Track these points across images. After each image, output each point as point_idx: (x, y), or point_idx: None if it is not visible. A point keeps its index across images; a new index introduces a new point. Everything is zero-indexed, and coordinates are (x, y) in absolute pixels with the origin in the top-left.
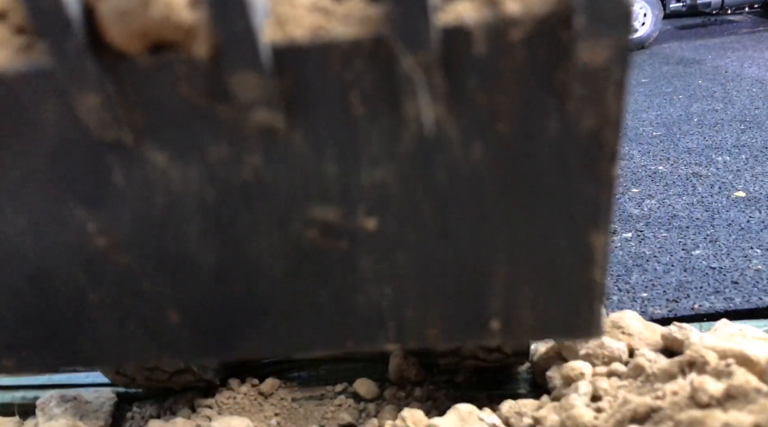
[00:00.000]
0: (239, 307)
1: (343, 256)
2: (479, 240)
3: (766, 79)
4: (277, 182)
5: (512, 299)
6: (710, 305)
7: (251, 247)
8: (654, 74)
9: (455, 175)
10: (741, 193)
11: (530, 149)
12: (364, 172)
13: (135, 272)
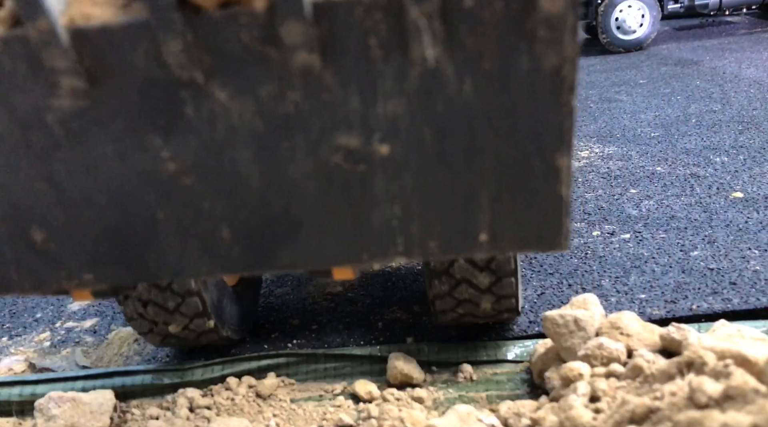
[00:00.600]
0: (279, 224)
1: (362, 178)
2: (470, 163)
3: (763, 81)
4: (311, 115)
5: (496, 214)
6: (708, 305)
7: (290, 170)
8: (652, 75)
9: (451, 107)
10: (739, 194)
11: (508, 84)
12: (380, 105)
13: (196, 193)
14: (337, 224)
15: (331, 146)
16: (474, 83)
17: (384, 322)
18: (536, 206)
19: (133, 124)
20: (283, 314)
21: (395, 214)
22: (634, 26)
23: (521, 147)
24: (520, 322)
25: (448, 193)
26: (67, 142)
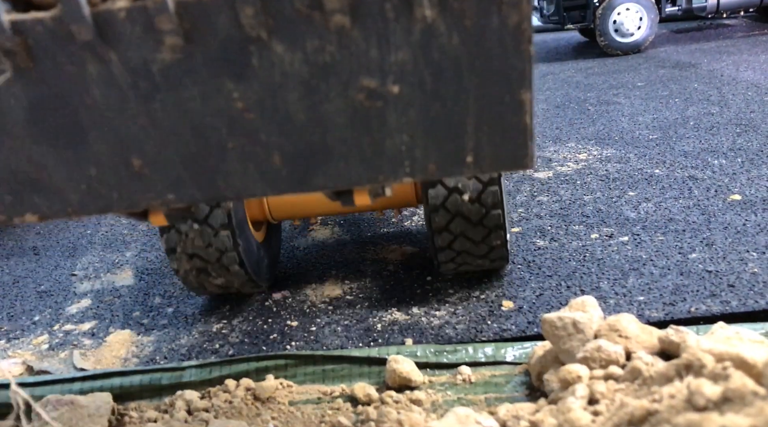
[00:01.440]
0: (317, 151)
1: (379, 112)
2: (458, 99)
3: (761, 83)
4: (342, 63)
5: (478, 141)
6: (707, 308)
7: (325, 107)
8: (650, 78)
9: (443, 55)
10: (737, 196)
11: (484, 37)
12: (392, 54)
13: (256, 127)
14: (359, 151)
15: (356, 87)
16: (460, 37)
17: (382, 324)
18: (508, 133)
19: (214, 73)
20: (281, 316)
21: (404, 141)
22: (632, 29)
23: (495, 86)
24: (519, 322)
25: (442, 124)
26: (164, 87)
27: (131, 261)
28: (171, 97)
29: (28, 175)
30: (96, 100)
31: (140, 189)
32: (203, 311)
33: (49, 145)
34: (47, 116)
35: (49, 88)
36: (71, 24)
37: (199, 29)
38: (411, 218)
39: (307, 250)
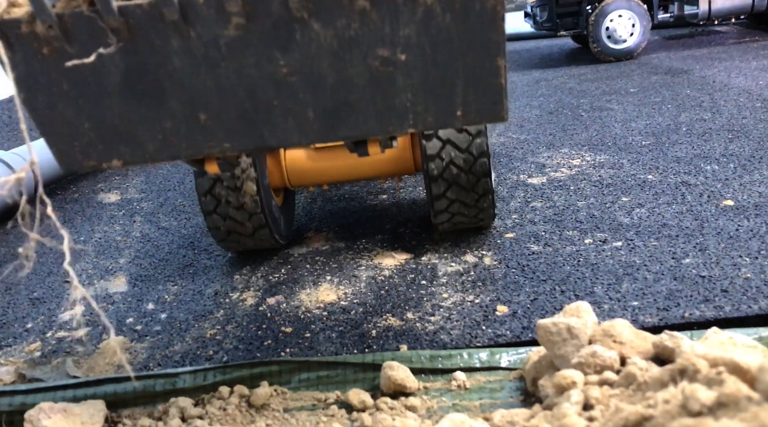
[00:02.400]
0: (341, 107)
1: (390, 76)
2: (450, 65)
3: (752, 90)
4: (363, 37)
5: (465, 98)
6: (700, 313)
7: (349, 72)
8: (643, 84)
9: (439, 31)
10: (729, 201)
11: (469, 16)
12: (401, 30)
13: (296, 88)
14: (374, 107)
15: (373, 56)
16: (451, 16)
17: (377, 330)
18: (488, 91)
19: (266, 45)
20: (275, 322)
21: (408, 99)
22: (625, 35)
23: (478, 54)
24: (514, 328)
25: (438, 85)
26: (228, 57)
27: (125, 268)
28: (233, 65)
29: (118, 128)
30: (175, 68)
31: (204, 139)
32: (197, 316)
33: (136, 104)
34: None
35: (141, 58)
36: (163, 7)
37: (257, 11)
38: (405, 224)
39: (301, 256)
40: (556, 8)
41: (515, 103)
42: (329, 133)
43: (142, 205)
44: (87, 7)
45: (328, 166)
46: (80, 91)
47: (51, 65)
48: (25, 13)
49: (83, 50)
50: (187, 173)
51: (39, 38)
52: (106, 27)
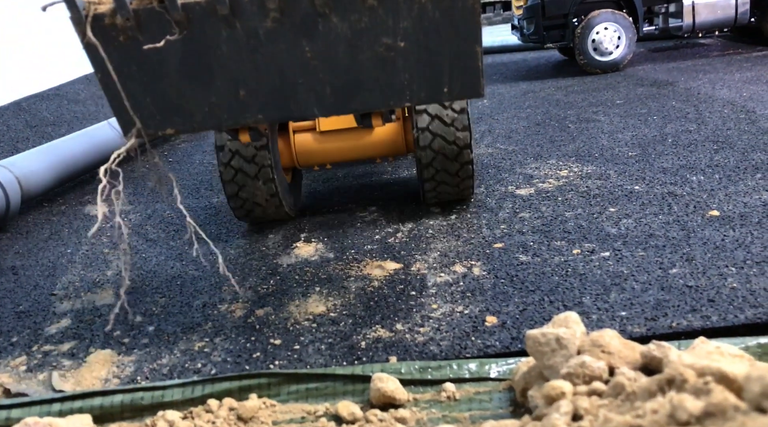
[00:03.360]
0: (352, 85)
1: (392, 59)
2: (439, 50)
3: (736, 101)
4: (372, 27)
5: (450, 77)
6: (688, 323)
7: (359, 56)
8: (629, 96)
9: (430, 23)
10: (715, 212)
11: (453, 12)
12: (401, 22)
13: (317, 69)
14: (379, 85)
15: (379, 44)
16: (440, 12)
17: (366, 341)
18: (468, 72)
19: (295, 34)
20: (264, 334)
21: (406, 78)
22: (611, 48)
23: (460, 42)
24: (503, 338)
25: (429, 67)
26: (265, 44)
27: (112, 280)
28: (268, 50)
29: (173, 102)
30: (222, 53)
31: (242, 111)
32: (185, 329)
33: (189, 82)
34: (191, 63)
35: (195, 44)
36: (216, 4)
37: (289, 8)
38: (395, 234)
39: (290, 267)
40: (543, 21)
41: (503, 114)
42: (342, 106)
43: (130, 218)
44: (157, 3)
45: (331, 147)
46: (145, 71)
47: (124, 50)
48: (108, 8)
49: (151, 38)
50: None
51: (117, 29)
52: (171, 20)
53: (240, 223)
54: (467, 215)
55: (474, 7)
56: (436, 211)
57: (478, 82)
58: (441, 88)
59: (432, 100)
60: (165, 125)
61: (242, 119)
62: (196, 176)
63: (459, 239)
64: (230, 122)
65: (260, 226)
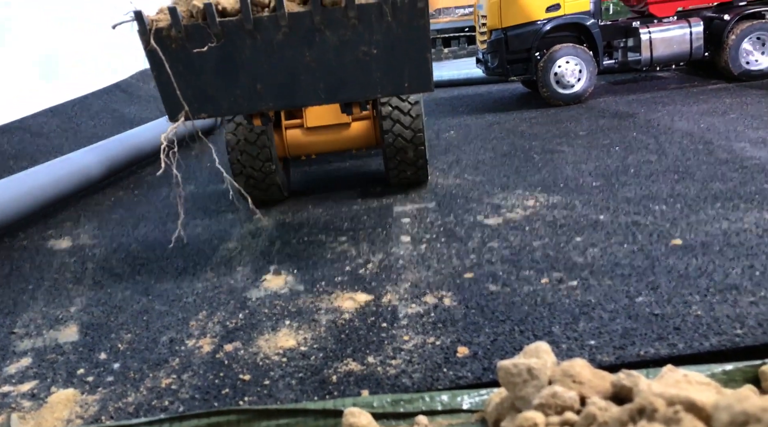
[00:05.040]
0: (340, 81)
1: (368, 62)
2: (401, 55)
3: (695, 133)
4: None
5: (409, 75)
6: (655, 351)
7: (344, 60)
8: (591, 127)
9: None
10: (678, 241)
11: (411, 29)
12: (374, 35)
13: (314, 69)
14: (358, 81)
15: (358, 50)
16: (401, 28)
17: (338, 375)
18: (422, 72)
19: (299, 44)
20: (233, 369)
21: (378, 76)
22: (573, 81)
23: (415, 50)
24: (474, 369)
25: (394, 67)
26: (278, 50)
27: (76, 316)
28: (279, 55)
29: (206, 94)
30: (246, 57)
31: (258, 101)
32: (151, 365)
33: (220, 79)
34: (222, 64)
35: (226, 51)
36: (244, 22)
37: (296, 25)
38: (365, 265)
39: (259, 300)
40: (507, 55)
41: (470, 145)
42: (332, 97)
43: (95, 252)
44: (201, 20)
45: (316, 140)
46: (189, 70)
47: (174, 55)
48: (166, 24)
49: (196, 45)
50: (141, 218)
51: (171, 39)
52: (211, 32)
53: (208, 256)
54: (437, 244)
55: (425, 26)
56: (405, 240)
57: (430, 80)
58: (402, 83)
59: (396, 93)
60: (201, 111)
61: (258, 107)
62: (163, 209)
63: (429, 269)
64: (249, 109)
65: (229, 259)
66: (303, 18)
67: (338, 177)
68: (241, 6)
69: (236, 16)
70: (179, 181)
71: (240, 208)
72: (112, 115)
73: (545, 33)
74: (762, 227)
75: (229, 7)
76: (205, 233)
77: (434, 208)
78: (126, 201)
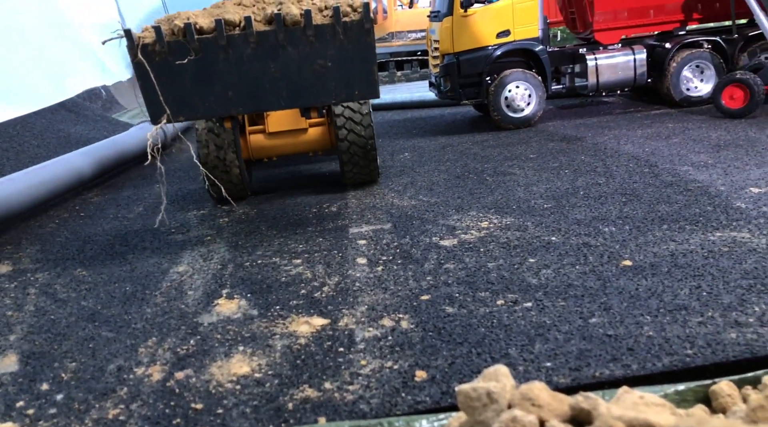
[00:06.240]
0: (299, 89)
1: (324, 74)
2: (352, 68)
3: (640, 156)
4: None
5: (359, 84)
6: (610, 372)
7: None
8: (541, 150)
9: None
10: (628, 262)
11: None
12: (329, 50)
13: (278, 79)
14: (316, 90)
15: (316, 63)
16: (352, 45)
17: (294, 402)
18: (369, 82)
19: (265, 57)
20: (185, 398)
21: (332, 85)
22: (522, 105)
23: (364, 63)
24: (433, 393)
25: (346, 78)
26: (246, 62)
27: (15, 345)
28: (248, 67)
29: (185, 100)
30: (220, 68)
31: (229, 105)
32: (98, 395)
33: (197, 87)
34: (199, 74)
35: (203, 62)
36: (218, 39)
37: (263, 41)
38: (321, 288)
39: (211, 325)
40: (459, 79)
41: (424, 167)
42: (293, 103)
43: (37, 276)
44: (182, 37)
45: (277, 144)
46: (169, 79)
47: (157, 66)
48: (151, 40)
49: (177, 58)
50: (87, 241)
51: (156, 52)
52: (190, 47)
53: (157, 280)
54: (394, 266)
55: (371, 43)
56: (362, 263)
57: (376, 88)
58: (353, 91)
59: (348, 100)
60: (180, 114)
61: (229, 111)
62: (110, 231)
63: (386, 292)
64: (221, 113)
65: (179, 283)
66: (269, 36)
67: (295, 179)
68: (216, 26)
69: (212, 34)
70: (162, 173)
71: (191, 230)
72: (56, 135)
73: (496, 58)
74: (707, 249)
75: (206, 26)
76: (154, 256)
77: (390, 230)
78: (71, 223)
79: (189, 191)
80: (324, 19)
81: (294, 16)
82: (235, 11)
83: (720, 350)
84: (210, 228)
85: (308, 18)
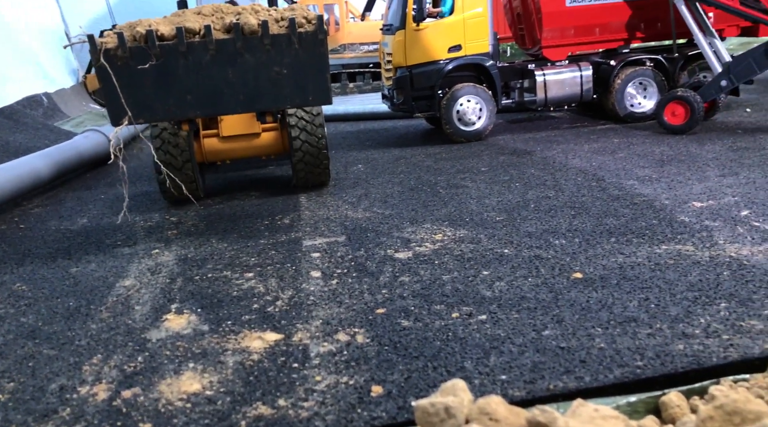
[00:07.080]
0: (257, 94)
1: (280, 80)
2: (306, 75)
3: (588, 170)
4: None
5: (313, 90)
6: (564, 384)
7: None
8: (492, 163)
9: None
10: (579, 274)
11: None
12: (285, 58)
13: (235, 84)
14: (272, 94)
15: (272, 70)
16: (306, 54)
17: (246, 420)
18: (322, 89)
19: (223, 64)
20: (132, 418)
21: (288, 91)
22: (474, 118)
23: (317, 71)
24: (389, 409)
25: (300, 84)
26: (205, 68)
27: None
28: (207, 73)
29: (145, 102)
30: (180, 73)
31: (188, 109)
32: (37, 417)
33: (157, 90)
34: (159, 78)
35: (163, 67)
36: (179, 46)
37: (221, 48)
38: (274, 302)
39: (160, 341)
40: (412, 92)
41: (378, 179)
42: (250, 107)
43: None
44: (143, 43)
45: (230, 147)
46: (131, 83)
47: (119, 70)
48: (114, 45)
49: (138, 63)
50: (26, 254)
51: (118, 57)
52: (151, 53)
53: (102, 294)
54: (348, 279)
55: (324, 53)
56: (316, 276)
57: (328, 95)
58: (307, 97)
59: (303, 105)
60: (140, 117)
61: (188, 114)
62: (52, 244)
63: (341, 306)
64: (180, 116)
65: (126, 297)
66: (227, 43)
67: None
68: (177, 33)
69: (172, 40)
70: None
71: (137, 242)
72: None
73: (448, 72)
74: (654, 261)
75: (167, 33)
76: (99, 270)
77: (345, 242)
78: (9, 235)
79: (134, 196)
80: (280, 30)
81: (252, 25)
82: (195, 20)
83: (669, 362)
84: (158, 240)
85: (265, 28)
